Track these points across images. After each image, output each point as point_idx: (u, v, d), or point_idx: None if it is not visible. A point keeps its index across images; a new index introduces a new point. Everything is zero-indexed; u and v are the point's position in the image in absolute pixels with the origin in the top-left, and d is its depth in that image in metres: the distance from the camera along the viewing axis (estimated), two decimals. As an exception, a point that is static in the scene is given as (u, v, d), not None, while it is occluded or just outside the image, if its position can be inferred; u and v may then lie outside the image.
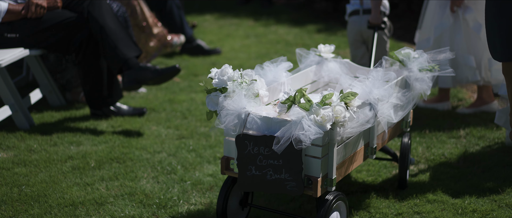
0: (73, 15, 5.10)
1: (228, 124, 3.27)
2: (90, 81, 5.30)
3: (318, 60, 4.15)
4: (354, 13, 5.40)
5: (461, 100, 5.80)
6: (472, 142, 4.83)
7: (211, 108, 3.40)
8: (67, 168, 4.40)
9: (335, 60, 4.14)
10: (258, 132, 3.26)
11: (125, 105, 5.48)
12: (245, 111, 3.26)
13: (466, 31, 5.30)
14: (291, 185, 3.24)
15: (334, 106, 3.14)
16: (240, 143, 3.29)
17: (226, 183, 3.57)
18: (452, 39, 5.28)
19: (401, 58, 3.93)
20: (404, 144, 4.08)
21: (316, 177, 3.25)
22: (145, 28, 6.29)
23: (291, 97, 3.23)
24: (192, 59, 7.31)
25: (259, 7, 10.39)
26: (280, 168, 3.24)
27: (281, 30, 8.80)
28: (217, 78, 3.39)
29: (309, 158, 3.24)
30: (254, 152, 3.27)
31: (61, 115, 5.42)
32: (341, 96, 3.21)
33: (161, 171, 4.40)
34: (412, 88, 3.85)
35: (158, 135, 5.02)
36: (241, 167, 3.34)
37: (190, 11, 9.87)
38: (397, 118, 3.62)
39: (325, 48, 4.15)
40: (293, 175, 3.22)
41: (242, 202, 3.68)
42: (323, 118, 3.10)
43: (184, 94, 6.03)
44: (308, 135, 3.08)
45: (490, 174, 4.28)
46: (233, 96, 3.32)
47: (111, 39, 5.06)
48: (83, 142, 4.86)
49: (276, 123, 3.23)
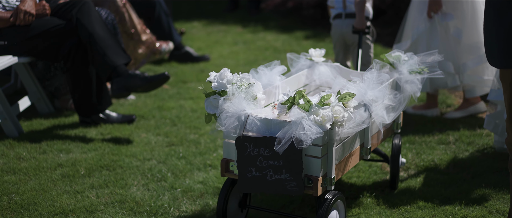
0: (62, 22, 5.08)
1: (228, 126, 3.32)
2: (79, 88, 5.28)
3: (309, 64, 4.22)
4: (338, 17, 5.50)
5: (449, 106, 5.82)
6: (462, 148, 4.85)
7: (210, 111, 3.44)
8: (57, 176, 4.39)
9: (325, 64, 4.21)
10: (258, 134, 3.31)
11: (114, 113, 5.47)
12: (245, 113, 3.32)
13: (443, 37, 5.33)
14: (292, 185, 3.29)
15: (333, 106, 3.22)
16: (240, 145, 3.34)
17: (225, 185, 3.61)
18: (429, 45, 5.31)
19: (391, 60, 4.01)
20: (395, 145, 4.15)
21: (316, 177, 3.31)
22: (134, 35, 6.28)
23: (291, 98, 3.30)
24: (180, 66, 7.30)
25: (247, 14, 10.39)
26: (281, 169, 3.29)
27: (269, 36, 8.81)
28: (216, 81, 3.44)
29: (309, 158, 3.30)
30: (254, 154, 3.32)
31: (50, 123, 5.40)
32: (339, 96, 3.28)
33: (151, 178, 4.39)
34: (402, 90, 3.91)
35: (148, 143, 5.01)
36: (241, 169, 3.38)
37: (178, 18, 9.86)
38: (389, 119, 3.69)
39: (315, 52, 4.22)
40: (293, 175, 3.28)
41: (241, 203, 3.72)
42: (323, 118, 3.18)
43: (173, 101, 6.02)
44: (309, 134, 3.15)
45: (480, 180, 4.29)
46: (233, 99, 3.37)
47: (100, 46, 5.04)
48: (73, 149, 4.84)
49: (276, 124, 3.29)
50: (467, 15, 5.32)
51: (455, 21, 5.30)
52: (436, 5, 5.26)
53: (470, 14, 5.32)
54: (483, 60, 5.34)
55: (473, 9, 5.33)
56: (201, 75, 6.93)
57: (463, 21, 5.32)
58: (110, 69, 5.06)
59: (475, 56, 5.36)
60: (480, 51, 5.33)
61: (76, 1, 5.14)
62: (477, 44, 5.33)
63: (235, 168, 3.46)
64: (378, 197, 4.12)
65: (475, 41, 5.33)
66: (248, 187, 3.40)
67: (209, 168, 4.55)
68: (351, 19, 5.39)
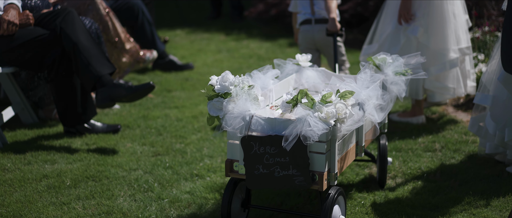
0: (45, 32, 5.04)
1: (234, 126, 3.42)
2: (63, 98, 5.24)
3: (296, 69, 4.34)
4: (306, 22, 5.63)
5: (434, 113, 5.84)
6: (448, 155, 4.85)
7: (213, 113, 3.53)
8: (42, 187, 4.34)
9: (312, 69, 4.35)
10: (262, 133, 3.43)
11: (99, 122, 5.43)
12: (249, 114, 3.44)
13: (405, 46, 5.36)
14: (299, 180, 3.41)
15: (336, 104, 3.38)
16: (246, 145, 3.46)
17: (229, 186, 3.69)
18: (389, 51, 5.33)
19: (377, 63, 4.16)
20: (383, 145, 4.30)
21: (321, 172, 3.42)
22: (118, 43, 6.24)
23: (295, 97, 3.45)
24: (165, 75, 7.27)
25: (230, 21, 10.38)
26: (288, 165, 3.41)
27: (252, 44, 8.80)
28: (219, 84, 3.53)
29: (314, 154, 3.42)
30: (260, 152, 3.44)
31: (34, 133, 5.35)
32: (339, 94, 3.44)
33: (138, 189, 4.36)
34: (389, 91, 4.04)
35: (134, 152, 4.98)
36: (248, 167, 3.49)
37: (161, 26, 9.83)
38: (380, 118, 3.80)
39: (302, 57, 4.36)
40: (300, 170, 3.40)
41: (244, 203, 3.81)
42: (327, 114, 3.33)
43: (158, 110, 5.99)
44: (316, 131, 3.29)
45: (468, 188, 4.30)
46: (237, 100, 3.48)
47: (84, 56, 5.00)
48: (58, 160, 4.80)
49: (280, 123, 3.42)
50: (436, 23, 5.39)
51: (421, 32, 5.37)
52: (406, 15, 5.35)
53: (438, 22, 5.39)
54: (446, 68, 5.42)
55: (442, 17, 5.39)
56: (185, 83, 6.91)
57: (432, 28, 5.39)
58: (95, 79, 5.02)
59: (439, 63, 5.43)
60: (445, 58, 5.41)
61: (60, 10, 5.11)
62: (442, 51, 5.41)
63: (240, 168, 3.54)
64: (366, 205, 4.11)
65: (441, 47, 5.41)
66: (256, 184, 3.50)
67: (196, 178, 4.52)
68: (321, 25, 5.53)
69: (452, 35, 5.43)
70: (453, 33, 5.43)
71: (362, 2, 8.70)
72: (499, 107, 4.50)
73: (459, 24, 5.49)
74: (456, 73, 5.52)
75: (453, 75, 5.51)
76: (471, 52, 5.57)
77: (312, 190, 3.57)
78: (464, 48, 5.49)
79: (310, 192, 4.26)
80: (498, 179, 4.40)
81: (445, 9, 5.40)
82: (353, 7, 8.75)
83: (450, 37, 5.41)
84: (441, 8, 5.39)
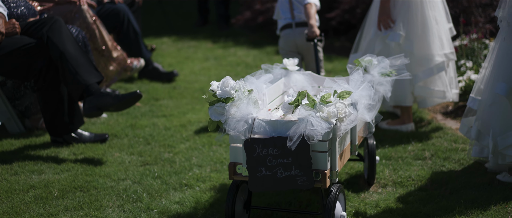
0: (32, 41, 4.99)
1: (238, 130, 3.51)
2: (50, 107, 5.19)
3: (284, 73, 4.43)
4: (287, 27, 5.76)
5: (423, 120, 5.83)
6: (438, 164, 4.84)
7: (214, 118, 3.61)
8: (30, 198, 4.29)
9: (299, 72, 4.45)
10: (265, 135, 3.52)
11: (86, 132, 5.38)
12: (252, 117, 3.54)
13: (382, 53, 5.37)
14: (302, 179, 3.50)
15: (336, 103, 3.51)
16: (249, 147, 3.53)
17: (231, 189, 3.75)
18: None
19: (364, 65, 4.27)
20: (371, 144, 4.46)
21: (324, 170, 3.53)
22: (104, 51, 6.20)
23: (297, 98, 3.59)
24: (152, 83, 7.23)
25: (217, 29, 10.36)
26: (290, 166, 3.50)
27: (240, 52, 8.78)
28: (221, 89, 3.61)
29: (316, 153, 3.53)
30: (263, 154, 3.52)
31: (21, 143, 5.30)
32: (337, 94, 3.57)
33: (126, 199, 4.31)
34: (375, 91, 4.12)
35: (122, 162, 4.93)
36: (251, 170, 3.56)
37: (148, 34, 9.79)
38: (370, 118, 3.88)
39: (289, 61, 4.44)
40: (303, 170, 3.49)
41: (246, 205, 3.87)
42: (328, 114, 3.45)
43: (146, 119, 5.94)
44: (319, 130, 3.41)
45: (458, 196, 4.28)
46: (239, 104, 3.58)
47: (71, 65, 4.96)
48: (45, 170, 4.75)
49: (282, 124, 3.53)
50: (418, 28, 5.43)
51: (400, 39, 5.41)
52: (386, 21, 5.41)
53: (420, 27, 5.43)
54: (434, 72, 5.46)
55: (423, 23, 5.43)
56: (173, 92, 6.87)
57: (413, 34, 5.42)
58: (82, 88, 4.97)
59: (426, 67, 5.46)
60: (431, 63, 5.45)
61: (47, 19, 5.06)
62: (428, 57, 5.44)
63: (243, 170, 3.61)
64: (358, 215, 4.08)
65: (426, 53, 5.44)
66: (259, 186, 3.57)
67: (185, 188, 4.48)
68: (302, 28, 5.67)
69: (436, 40, 5.47)
70: (436, 38, 5.47)
71: (349, 9, 8.70)
72: (485, 112, 4.52)
73: (442, 30, 5.53)
74: (444, 76, 5.56)
75: (441, 78, 5.54)
76: (455, 58, 5.61)
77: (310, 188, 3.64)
78: (449, 53, 5.53)
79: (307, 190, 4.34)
80: (489, 187, 4.38)
81: (426, 15, 5.44)
82: (341, 15, 8.74)
83: (434, 42, 5.46)
84: (422, 13, 5.44)
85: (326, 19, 8.94)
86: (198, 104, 6.42)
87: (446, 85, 5.56)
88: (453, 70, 5.68)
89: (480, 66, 6.08)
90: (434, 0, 5.51)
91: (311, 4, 5.58)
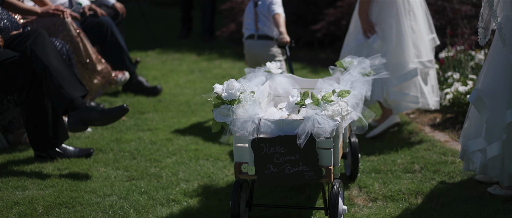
0: (15, 54, 4.91)
1: (246, 130, 3.66)
2: (34, 122, 5.10)
3: (268, 76, 4.59)
4: (250, 37, 6.10)
5: (411, 133, 5.79)
6: (428, 177, 4.79)
7: (219, 120, 3.73)
8: (13, 215, 4.20)
9: (282, 75, 4.62)
10: (271, 134, 3.68)
11: (71, 146, 5.29)
12: (258, 117, 3.70)
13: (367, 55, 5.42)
14: (310, 174, 3.69)
15: (338, 102, 3.69)
16: (256, 146, 3.69)
17: (236, 188, 3.86)
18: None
19: (345, 65, 4.49)
20: (354, 142, 4.65)
21: (328, 166, 3.71)
22: (89, 64, 6.12)
23: (301, 98, 3.77)
24: (137, 97, 7.15)
25: (201, 41, 10.30)
26: (297, 162, 3.68)
27: (225, 64, 8.72)
28: (226, 92, 3.73)
29: (321, 150, 3.70)
30: (270, 152, 3.69)
31: (4, 158, 5.20)
32: (337, 93, 3.74)
33: (112, 215, 4.22)
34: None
35: (107, 177, 4.85)
36: (259, 167, 3.73)
37: (132, 47, 9.70)
38: (356, 116, 4.03)
39: (272, 65, 4.60)
40: (310, 166, 3.68)
41: (248, 203, 4.01)
42: (333, 112, 3.64)
43: (131, 133, 5.86)
44: (327, 127, 3.58)
45: (450, 210, 4.23)
46: (246, 106, 3.72)
47: (55, 78, 4.87)
48: (29, 186, 4.66)
49: (288, 123, 3.70)
50: (393, 39, 5.56)
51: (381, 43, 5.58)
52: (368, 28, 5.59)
53: (395, 35, 5.57)
54: (408, 78, 5.59)
55: (398, 31, 5.58)
56: (158, 105, 6.80)
57: (389, 42, 5.56)
58: (67, 102, 4.89)
59: (400, 73, 5.59)
60: (405, 69, 5.59)
61: (30, 32, 4.98)
62: (402, 64, 5.60)
63: (249, 169, 3.76)
64: (348, 230, 4.04)
65: (400, 61, 5.59)
66: (267, 182, 3.75)
67: (173, 203, 4.40)
68: (263, 41, 6.03)
69: (410, 49, 5.60)
70: (410, 47, 5.60)
71: (334, 21, 8.67)
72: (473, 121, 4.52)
73: (419, 39, 5.66)
74: (418, 82, 5.67)
75: (415, 84, 5.67)
76: (434, 66, 5.74)
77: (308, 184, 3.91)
78: (425, 62, 5.67)
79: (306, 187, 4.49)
80: (480, 201, 4.34)
81: (402, 24, 5.59)
82: (326, 27, 8.72)
83: (408, 50, 5.59)
84: (398, 23, 5.59)
85: (311, 31, 8.91)
86: (184, 117, 6.35)
87: (423, 92, 5.67)
88: (434, 79, 5.80)
89: (467, 78, 6.08)
90: (413, 10, 5.65)
91: (279, 14, 5.95)
